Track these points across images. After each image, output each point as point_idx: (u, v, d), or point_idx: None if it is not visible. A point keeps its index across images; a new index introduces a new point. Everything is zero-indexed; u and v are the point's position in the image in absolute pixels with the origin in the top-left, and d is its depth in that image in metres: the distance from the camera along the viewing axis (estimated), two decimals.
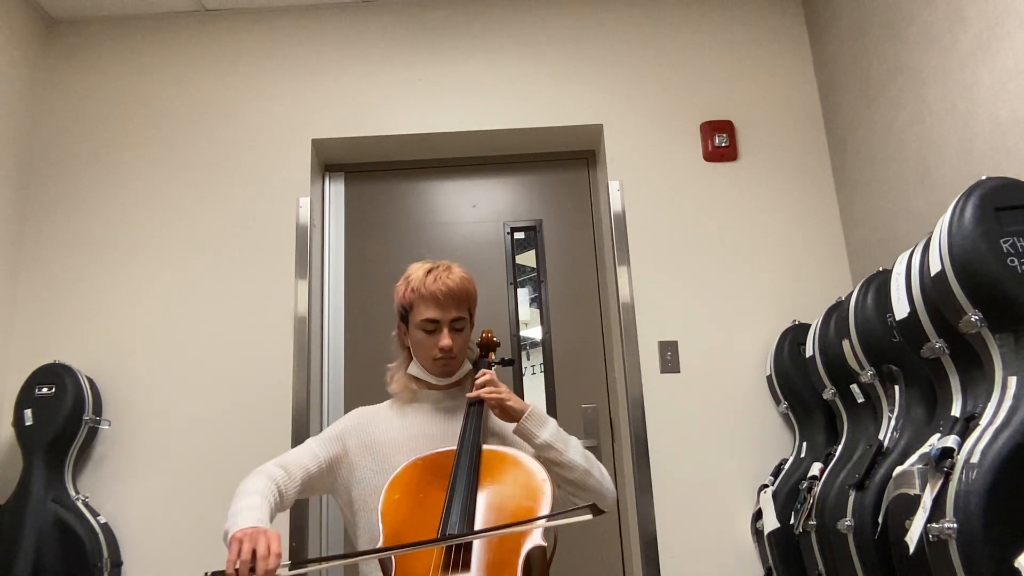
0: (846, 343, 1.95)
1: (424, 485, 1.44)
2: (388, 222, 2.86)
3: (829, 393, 2.13)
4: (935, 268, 1.50)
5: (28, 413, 2.35)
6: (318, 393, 2.64)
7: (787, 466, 2.28)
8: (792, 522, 2.11)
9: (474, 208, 2.88)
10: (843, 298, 2.16)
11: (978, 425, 1.36)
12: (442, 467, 1.47)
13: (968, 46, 1.92)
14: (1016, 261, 1.40)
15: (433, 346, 1.61)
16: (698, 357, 2.52)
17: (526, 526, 1.30)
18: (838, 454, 2.02)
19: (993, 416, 1.35)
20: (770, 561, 2.19)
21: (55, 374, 2.40)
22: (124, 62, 2.85)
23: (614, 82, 2.80)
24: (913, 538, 1.38)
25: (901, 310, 1.66)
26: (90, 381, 2.46)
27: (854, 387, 2.01)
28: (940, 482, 1.34)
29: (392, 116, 2.77)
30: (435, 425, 1.64)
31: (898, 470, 1.54)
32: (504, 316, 2.75)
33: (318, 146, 2.79)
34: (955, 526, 1.26)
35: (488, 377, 1.58)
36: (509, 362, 1.83)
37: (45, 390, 2.38)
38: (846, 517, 1.73)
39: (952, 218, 1.48)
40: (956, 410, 1.52)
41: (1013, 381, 1.36)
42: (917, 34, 2.14)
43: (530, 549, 1.29)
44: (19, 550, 2.20)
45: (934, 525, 1.31)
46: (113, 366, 2.53)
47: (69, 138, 2.77)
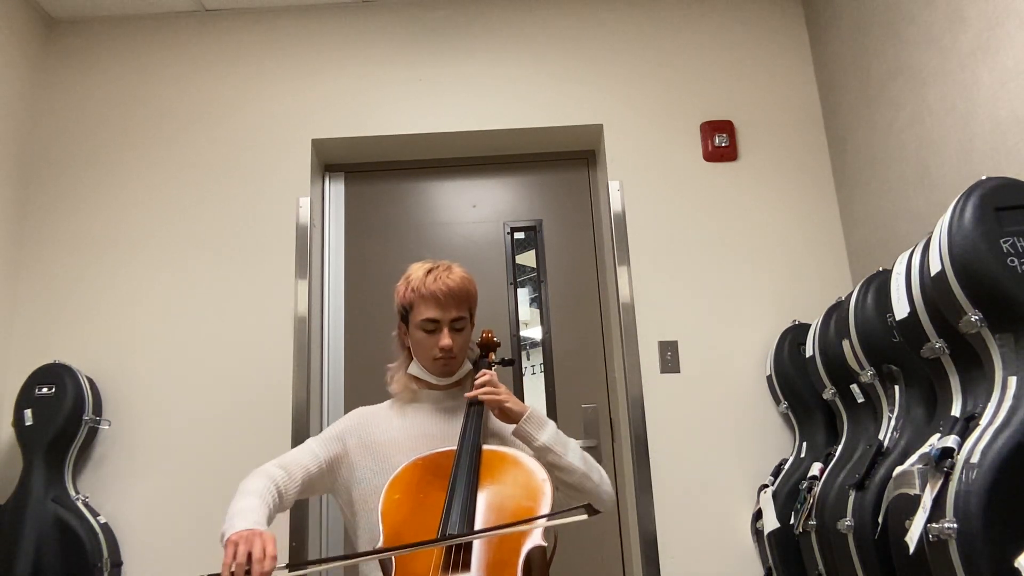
0: (846, 343, 1.95)
1: (424, 485, 1.44)
2: (388, 222, 2.86)
3: (829, 393, 2.13)
4: (935, 268, 1.50)
5: (28, 413, 2.36)
6: (318, 393, 2.64)
7: (787, 466, 2.28)
8: (792, 522, 2.11)
9: (474, 208, 2.88)
10: (843, 298, 2.16)
11: (978, 425, 1.36)
12: (442, 467, 1.47)
13: (968, 46, 1.92)
14: (1016, 261, 1.40)
15: (433, 346, 1.61)
16: (698, 357, 2.52)
17: (523, 526, 1.30)
18: (838, 454, 2.02)
19: (993, 416, 1.35)
20: (770, 561, 2.19)
21: (55, 374, 2.40)
22: (124, 62, 2.85)
23: (614, 82, 2.80)
24: (913, 538, 1.38)
25: (901, 310, 1.66)
26: (90, 381, 2.46)
27: (854, 387, 2.01)
28: (940, 482, 1.34)
29: (392, 116, 2.77)
30: (435, 425, 1.64)
31: (898, 470, 1.54)
32: (504, 316, 2.75)
33: (318, 146, 2.79)
34: (955, 526, 1.26)
35: (488, 378, 1.58)
36: (509, 362, 1.83)
37: (45, 390, 2.38)
38: (846, 517, 1.73)
39: (952, 218, 1.48)
40: (956, 410, 1.52)
41: (1013, 381, 1.36)
42: (917, 34, 2.14)
43: (530, 549, 1.29)
44: (19, 550, 2.20)
45: (934, 525, 1.31)
46: (113, 366, 2.53)
47: (69, 138, 2.77)
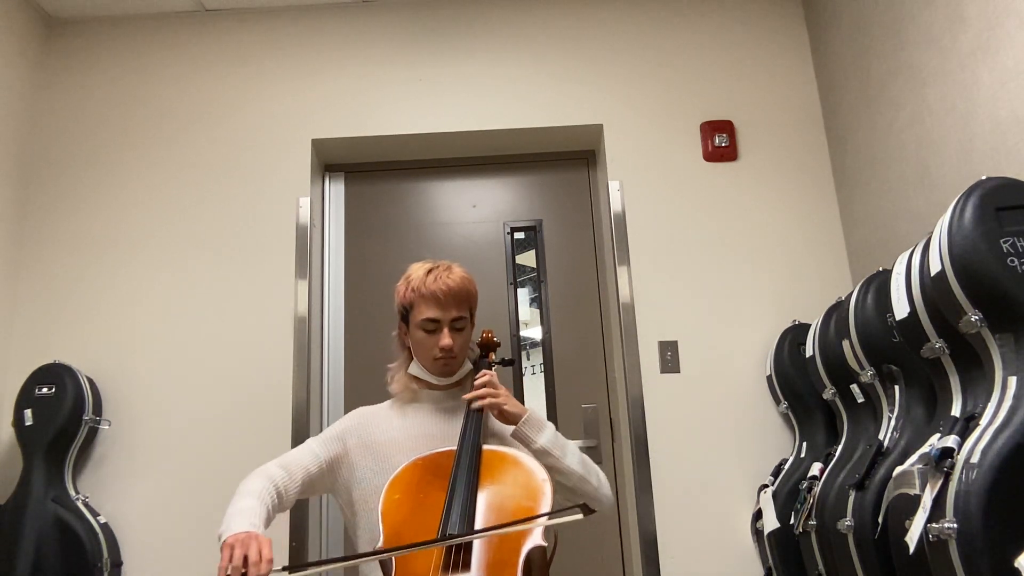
0: (846, 343, 1.95)
1: (424, 485, 1.44)
2: (388, 222, 2.86)
3: (829, 393, 2.13)
4: (935, 268, 1.50)
5: (28, 413, 2.35)
6: (318, 393, 2.64)
7: (787, 466, 2.28)
8: (792, 522, 2.11)
9: (474, 208, 2.88)
10: (843, 298, 2.16)
11: (978, 425, 1.36)
12: (442, 467, 1.47)
13: (968, 46, 1.92)
14: (1016, 261, 1.40)
15: (434, 346, 1.62)
16: (698, 357, 2.52)
17: (520, 526, 1.30)
18: (838, 454, 2.02)
19: (993, 416, 1.35)
20: (770, 561, 2.19)
21: (55, 374, 2.40)
22: (124, 62, 2.85)
23: (614, 82, 2.80)
24: (913, 538, 1.38)
25: (901, 310, 1.66)
26: (90, 381, 2.46)
27: (854, 387, 2.01)
28: (940, 482, 1.34)
29: (392, 116, 2.77)
30: (435, 425, 1.64)
31: (898, 470, 1.54)
32: (504, 316, 2.75)
33: (318, 146, 2.79)
34: (955, 526, 1.26)
35: (487, 378, 1.58)
36: (509, 362, 1.83)
37: (45, 390, 2.38)
38: (846, 517, 1.73)
39: (952, 218, 1.48)
40: (956, 410, 1.52)
41: (1013, 381, 1.36)
42: (917, 34, 2.14)
43: (530, 549, 1.29)
44: (19, 550, 2.20)
45: (934, 525, 1.31)
46: (113, 366, 2.53)
47: (69, 138, 2.77)
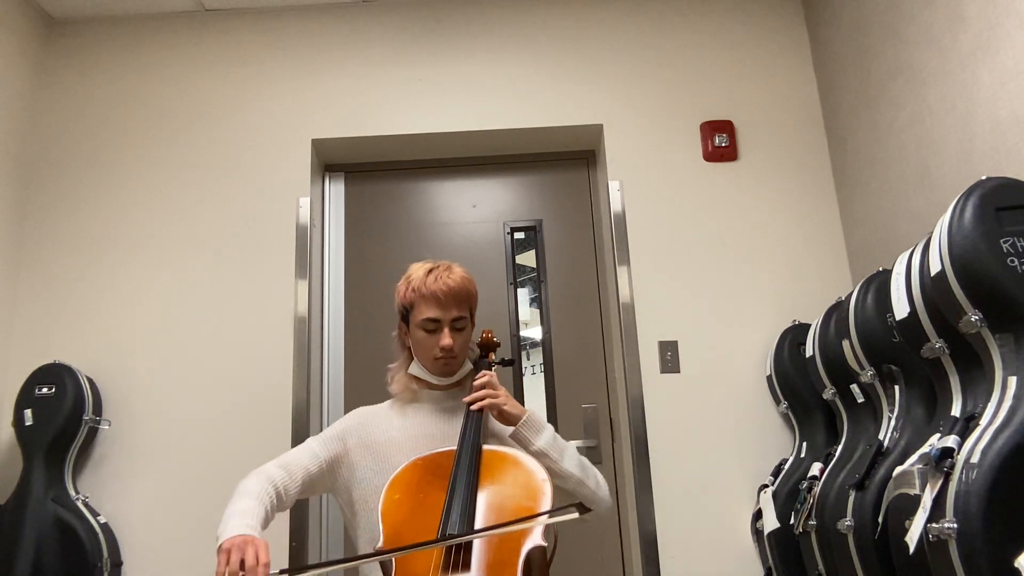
0: (846, 343, 1.95)
1: (424, 485, 1.44)
2: (388, 222, 2.86)
3: (829, 393, 2.13)
4: (935, 268, 1.50)
5: (28, 413, 2.35)
6: (318, 393, 2.64)
7: (787, 466, 2.28)
8: (792, 522, 2.11)
9: (474, 208, 2.88)
10: (843, 298, 2.16)
11: (978, 425, 1.36)
12: (442, 467, 1.47)
13: (968, 46, 1.92)
14: (1016, 261, 1.40)
15: (434, 346, 1.62)
16: (698, 357, 2.52)
17: (518, 525, 1.30)
18: (838, 454, 2.02)
19: (993, 416, 1.35)
20: (770, 561, 2.19)
21: (55, 374, 2.39)
22: (124, 62, 2.85)
23: (614, 82, 2.80)
24: (913, 538, 1.38)
25: (901, 310, 1.66)
26: (90, 381, 2.46)
27: (854, 387, 2.01)
28: (940, 482, 1.34)
29: (392, 116, 2.77)
30: (435, 425, 1.64)
31: (898, 470, 1.54)
32: (504, 316, 2.75)
33: (318, 146, 2.79)
34: (955, 526, 1.26)
35: (487, 379, 1.59)
36: (509, 362, 1.83)
37: (45, 390, 2.38)
38: (846, 517, 1.73)
39: (952, 218, 1.48)
40: (956, 410, 1.52)
41: (1013, 381, 1.36)
42: (917, 34, 2.14)
43: (530, 549, 1.29)
44: (19, 550, 2.20)
45: (934, 525, 1.31)
46: (113, 366, 2.53)
47: (69, 138, 2.77)
